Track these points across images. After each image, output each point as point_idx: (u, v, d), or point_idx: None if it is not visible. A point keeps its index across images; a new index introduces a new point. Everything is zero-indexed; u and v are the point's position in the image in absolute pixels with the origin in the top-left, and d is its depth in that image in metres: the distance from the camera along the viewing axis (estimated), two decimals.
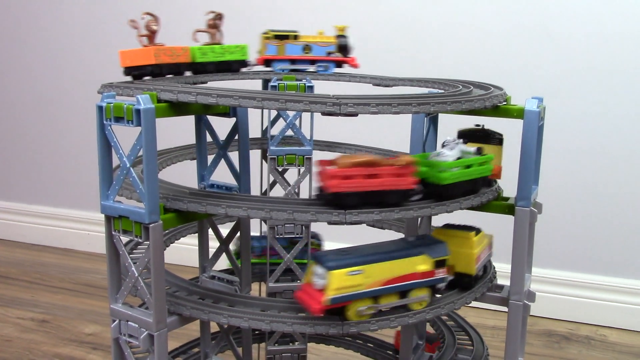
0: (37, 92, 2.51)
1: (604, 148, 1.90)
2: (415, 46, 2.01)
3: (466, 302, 0.82)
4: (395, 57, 2.01)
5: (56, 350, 1.73)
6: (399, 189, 0.76)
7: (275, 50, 1.07)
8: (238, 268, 0.99)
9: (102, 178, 0.75)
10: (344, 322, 0.74)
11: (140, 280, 0.75)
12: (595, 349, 1.83)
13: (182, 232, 1.09)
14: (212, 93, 0.72)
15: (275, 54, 1.07)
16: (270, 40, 1.07)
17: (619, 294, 1.96)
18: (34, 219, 2.57)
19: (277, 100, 0.71)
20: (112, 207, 0.75)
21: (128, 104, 0.71)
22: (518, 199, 0.85)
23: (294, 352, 1.14)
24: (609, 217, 1.94)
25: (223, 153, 0.92)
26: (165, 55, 0.92)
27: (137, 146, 0.72)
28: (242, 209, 0.73)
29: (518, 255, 0.85)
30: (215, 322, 0.93)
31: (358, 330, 0.74)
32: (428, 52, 2.00)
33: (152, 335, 0.75)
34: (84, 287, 2.17)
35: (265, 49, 1.07)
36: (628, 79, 1.84)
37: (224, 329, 1.00)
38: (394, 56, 2.01)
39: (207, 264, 0.98)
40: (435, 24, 2.00)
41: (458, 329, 1.03)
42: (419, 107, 0.74)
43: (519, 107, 0.84)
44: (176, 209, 0.76)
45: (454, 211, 0.80)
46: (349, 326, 0.73)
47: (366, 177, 0.75)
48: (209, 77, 1.02)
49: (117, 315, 0.78)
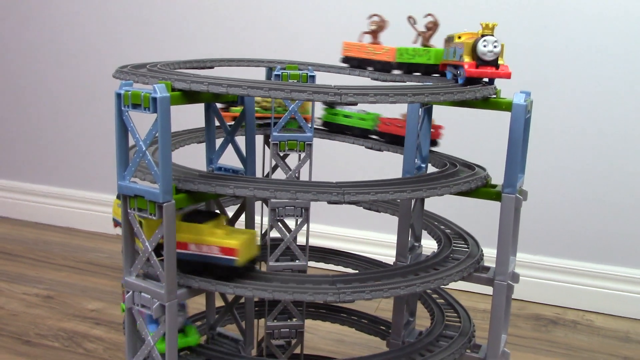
0: (43, 74, 2.55)
1: (591, 137, 1.96)
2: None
3: (454, 280, 0.89)
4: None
5: (61, 325, 1.80)
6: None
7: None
8: None
9: (119, 160, 0.82)
10: (340, 290, 0.81)
11: (153, 255, 0.82)
12: (581, 333, 1.90)
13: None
14: (223, 83, 0.79)
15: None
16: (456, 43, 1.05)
17: (606, 280, 2.02)
18: (39, 198, 2.63)
19: (282, 90, 0.77)
20: (129, 187, 0.81)
21: (145, 92, 0.78)
22: (505, 186, 0.92)
23: (292, 327, 1.21)
24: (596, 207, 2.01)
25: (231, 138, 0.98)
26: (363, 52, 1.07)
27: (152, 131, 0.78)
28: (248, 189, 0.80)
29: (503, 239, 0.92)
30: (221, 294, 1.00)
31: (353, 299, 0.81)
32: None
33: (164, 305, 0.81)
34: (86, 265, 2.24)
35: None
36: (612, 68, 1.90)
37: (228, 303, 1.07)
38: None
39: None
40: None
41: (447, 307, 1.10)
42: (414, 97, 0.81)
43: (508, 101, 0.90)
44: (187, 189, 0.82)
45: (444, 195, 0.87)
46: (345, 294, 0.80)
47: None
48: (217, 63, 1.09)
49: (131, 287, 0.85)
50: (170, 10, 2.26)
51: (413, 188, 0.84)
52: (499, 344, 0.96)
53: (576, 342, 1.84)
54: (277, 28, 2.14)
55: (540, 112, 1.92)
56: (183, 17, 2.25)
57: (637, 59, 1.87)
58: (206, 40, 2.24)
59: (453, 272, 0.91)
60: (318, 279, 0.85)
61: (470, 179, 0.91)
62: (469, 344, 0.99)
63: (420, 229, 1.08)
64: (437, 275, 0.89)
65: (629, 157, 1.94)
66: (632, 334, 1.91)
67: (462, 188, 0.89)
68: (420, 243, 1.08)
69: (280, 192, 0.79)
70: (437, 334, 1.00)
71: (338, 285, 0.83)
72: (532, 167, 1.95)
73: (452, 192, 0.87)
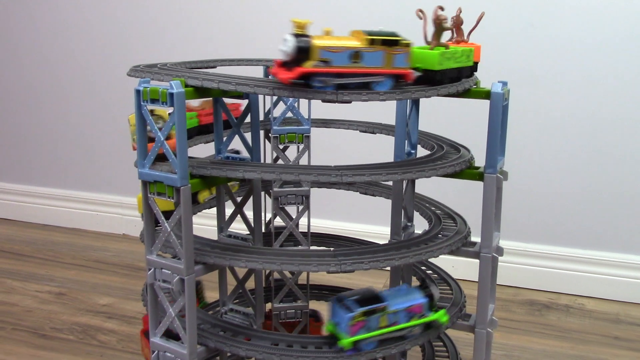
0: (50, 79, 2.65)
1: (578, 125, 2.07)
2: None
3: (443, 252, 1.01)
4: None
5: (74, 319, 1.91)
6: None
7: None
8: (252, 228, 1.17)
9: (140, 150, 0.93)
10: (341, 262, 0.93)
11: (172, 234, 0.93)
12: (573, 316, 2.01)
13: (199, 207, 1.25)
14: (232, 81, 0.90)
15: None
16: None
17: (597, 265, 2.13)
18: (45, 201, 2.74)
19: (286, 90, 0.89)
20: (149, 174, 0.93)
21: (162, 88, 0.89)
22: (486, 167, 1.03)
23: (297, 308, 1.32)
24: (585, 197, 2.11)
25: (237, 130, 1.10)
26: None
27: (169, 123, 0.89)
28: (256, 172, 0.91)
29: (487, 214, 1.04)
30: (232, 274, 1.12)
31: (353, 269, 0.92)
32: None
33: (183, 279, 0.93)
34: (95, 263, 2.35)
35: None
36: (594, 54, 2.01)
37: (239, 280, 1.19)
38: None
39: (223, 225, 1.17)
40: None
41: (441, 280, 1.21)
42: (402, 95, 0.92)
43: (487, 90, 1.02)
44: (201, 174, 0.94)
45: (431, 177, 0.98)
46: (346, 265, 0.92)
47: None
48: (219, 63, 1.20)
49: (153, 264, 0.96)
50: (167, 13, 2.38)
51: (404, 170, 0.95)
52: (486, 312, 1.07)
53: (568, 325, 1.95)
54: (272, 29, 2.25)
55: (537, 102, 2.04)
56: (180, 20, 2.37)
57: (618, 43, 1.98)
58: (206, 40, 2.35)
59: (443, 246, 1.02)
60: (321, 253, 0.97)
61: (456, 162, 1.02)
62: (460, 313, 1.10)
63: (412, 210, 1.19)
64: (428, 249, 1.00)
65: (619, 145, 2.05)
66: (622, 315, 2.02)
67: (447, 171, 1.00)
68: (412, 223, 1.20)
69: (285, 174, 0.91)
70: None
71: (339, 258, 0.94)
72: (527, 158, 2.07)
73: (438, 174, 0.99)
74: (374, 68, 0.89)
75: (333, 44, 0.87)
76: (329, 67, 0.87)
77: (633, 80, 1.99)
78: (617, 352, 1.78)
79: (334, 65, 0.87)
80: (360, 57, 0.89)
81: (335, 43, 0.87)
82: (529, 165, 2.11)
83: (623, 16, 1.95)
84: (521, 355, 1.75)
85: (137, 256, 2.40)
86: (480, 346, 1.07)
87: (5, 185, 2.80)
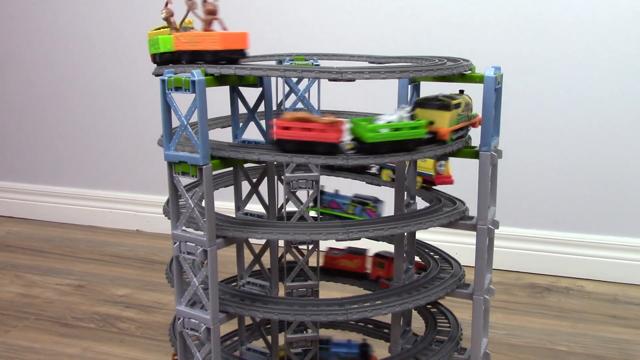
0: (64, 81, 2.76)
1: (579, 115, 2.17)
2: (408, 33, 2.28)
3: (442, 223, 1.11)
4: (388, 40, 2.28)
5: (94, 309, 2.02)
6: (326, 142, 0.99)
7: None
8: (266, 206, 1.27)
9: (166, 134, 1.03)
10: (348, 230, 1.03)
11: (195, 210, 1.03)
12: (573, 297, 2.11)
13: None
14: (246, 67, 1.01)
15: None
16: None
17: (596, 249, 2.23)
18: (61, 200, 2.84)
19: (295, 71, 0.99)
20: (174, 155, 1.03)
21: (185, 77, 0.99)
22: (481, 146, 1.13)
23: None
24: (585, 183, 2.21)
25: (252, 116, 1.20)
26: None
27: (192, 108, 1.00)
28: (270, 155, 1.01)
29: (482, 189, 1.14)
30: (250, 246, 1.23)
31: (359, 237, 1.03)
32: (418, 35, 2.26)
33: (206, 250, 1.03)
34: (111, 257, 2.46)
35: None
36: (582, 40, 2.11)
37: (255, 255, 1.30)
38: (387, 40, 2.28)
39: (240, 204, 1.28)
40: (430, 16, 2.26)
41: (442, 260, 1.32)
42: (400, 74, 1.02)
43: (480, 74, 1.12)
44: (220, 156, 1.04)
45: (428, 158, 1.09)
46: (353, 233, 1.02)
47: (301, 130, 0.99)
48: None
49: (178, 238, 1.06)
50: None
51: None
52: (483, 280, 1.17)
53: (568, 306, 2.04)
54: (281, 26, 2.36)
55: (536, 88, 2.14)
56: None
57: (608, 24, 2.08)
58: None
59: (442, 217, 1.13)
60: (330, 224, 1.07)
61: (453, 143, 1.13)
62: (459, 282, 1.21)
63: (414, 190, 1.29)
64: (428, 219, 1.11)
65: (616, 130, 2.15)
66: (620, 296, 2.11)
67: (445, 150, 1.10)
68: (415, 201, 1.30)
69: (296, 157, 1.01)
70: (432, 277, 1.22)
71: (347, 227, 1.05)
72: (529, 145, 2.16)
73: (436, 154, 1.09)
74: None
75: None
76: None
77: (626, 59, 2.09)
78: (614, 330, 1.88)
79: None
80: None
81: None
82: (530, 156, 2.21)
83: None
84: (522, 334, 1.84)
85: (151, 250, 2.51)
86: (478, 312, 1.17)
87: (23, 185, 2.92)
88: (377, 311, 1.09)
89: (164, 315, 1.96)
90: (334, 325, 1.53)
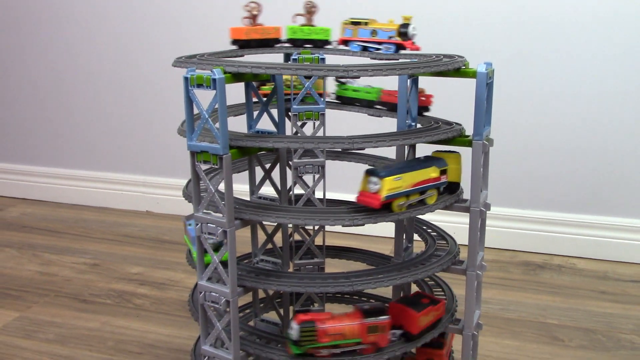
0: (77, 67, 2.87)
1: (569, 98, 2.28)
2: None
3: (438, 207, 1.24)
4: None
5: (110, 286, 2.15)
6: None
7: (350, 33, 1.44)
8: (279, 191, 1.40)
9: (188, 126, 1.16)
10: (354, 217, 1.16)
11: (216, 195, 1.16)
12: (565, 274, 2.25)
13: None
14: (262, 66, 1.13)
15: (350, 36, 1.44)
16: (347, 25, 1.44)
17: (587, 228, 2.36)
18: (73, 182, 2.97)
19: (305, 69, 1.11)
20: (196, 145, 1.16)
21: (206, 74, 1.11)
22: (474, 135, 1.25)
23: (314, 264, 1.55)
24: (578, 162, 2.33)
25: (265, 108, 1.33)
26: (255, 33, 1.40)
27: (213, 103, 1.12)
28: (283, 143, 1.14)
29: (475, 175, 1.26)
30: (263, 227, 1.36)
31: (363, 223, 1.16)
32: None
33: (226, 231, 1.16)
34: (124, 237, 2.59)
35: (344, 32, 1.45)
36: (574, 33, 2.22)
37: (268, 235, 1.43)
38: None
39: (254, 188, 1.41)
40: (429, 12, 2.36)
41: (439, 237, 1.45)
42: (400, 71, 1.15)
43: (473, 70, 1.24)
44: (238, 145, 1.16)
45: (428, 143, 1.21)
46: (358, 220, 1.15)
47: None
48: (247, 52, 1.43)
49: (200, 220, 1.19)
50: (189, 8, 2.59)
51: (404, 137, 1.18)
52: (476, 257, 1.30)
53: (560, 282, 2.18)
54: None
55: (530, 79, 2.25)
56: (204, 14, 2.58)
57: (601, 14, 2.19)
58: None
59: (439, 202, 1.25)
60: (337, 210, 1.20)
61: (448, 131, 1.25)
62: (454, 259, 1.34)
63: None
64: (426, 207, 1.23)
65: (605, 112, 2.27)
66: (610, 273, 2.25)
67: (441, 137, 1.23)
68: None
69: (306, 143, 1.13)
70: (430, 254, 1.35)
71: (352, 214, 1.18)
72: (524, 128, 2.28)
73: (433, 140, 1.22)
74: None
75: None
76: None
77: (620, 46, 2.20)
78: (603, 305, 2.02)
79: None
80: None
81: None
82: (526, 141, 2.33)
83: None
84: (516, 309, 1.98)
85: (162, 230, 2.65)
86: (471, 286, 1.31)
87: (36, 168, 3.04)
88: (379, 283, 1.22)
89: (177, 292, 2.10)
90: (339, 300, 1.67)
